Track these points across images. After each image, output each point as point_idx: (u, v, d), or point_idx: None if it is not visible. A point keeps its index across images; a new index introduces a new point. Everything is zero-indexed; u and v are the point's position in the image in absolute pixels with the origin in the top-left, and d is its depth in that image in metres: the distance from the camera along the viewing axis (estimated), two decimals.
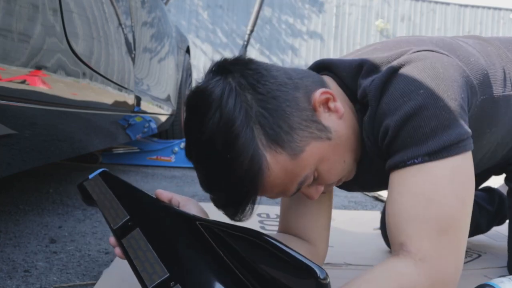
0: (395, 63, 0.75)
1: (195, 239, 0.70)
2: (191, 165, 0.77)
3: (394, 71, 0.74)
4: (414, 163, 0.70)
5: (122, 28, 1.53)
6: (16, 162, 1.03)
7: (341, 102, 0.79)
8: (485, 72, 0.82)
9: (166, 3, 2.79)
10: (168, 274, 0.67)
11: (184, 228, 0.73)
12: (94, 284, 0.96)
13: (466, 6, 9.21)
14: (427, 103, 0.70)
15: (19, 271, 1.05)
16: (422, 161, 0.69)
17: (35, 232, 1.36)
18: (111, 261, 1.10)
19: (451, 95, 0.71)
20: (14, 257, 1.14)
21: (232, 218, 0.75)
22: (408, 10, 8.96)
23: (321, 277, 0.50)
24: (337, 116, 0.77)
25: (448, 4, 9.12)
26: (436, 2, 9.08)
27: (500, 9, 9.35)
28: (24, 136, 0.98)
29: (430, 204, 0.68)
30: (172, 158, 2.98)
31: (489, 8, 9.30)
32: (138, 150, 2.98)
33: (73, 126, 1.27)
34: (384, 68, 0.76)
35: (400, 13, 8.93)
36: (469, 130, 0.72)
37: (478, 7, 9.27)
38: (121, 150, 2.95)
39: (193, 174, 2.61)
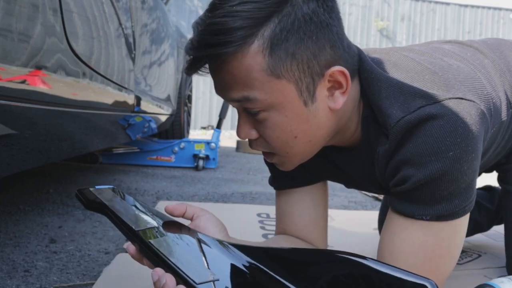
0: (427, 110, 0.71)
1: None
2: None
3: (424, 120, 0.70)
4: (422, 219, 0.74)
5: (122, 28, 1.53)
6: (16, 162, 1.03)
7: (347, 102, 0.75)
8: (494, 101, 0.80)
9: (166, 3, 2.79)
10: (219, 279, 0.61)
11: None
12: (94, 284, 0.96)
13: (466, 6, 9.21)
14: (453, 167, 0.70)
15: (19, 271, 1.05)
16: (430, 219, 0.73)
17: (35, 232, 1.36)
18: (111, 261, 1.10)
19: (475, 156, 0.72)
20: (14, 257, 1.14)
21: (187, 69, 0.71)
22: (408, 10, 8.96)
23: None
24: (331, 104, 0.73)
25: (448, 4, 9.12)
26: (436, 2, 9.08)
27: (500, 9, 9.35)
28: (24, 136, 0.98)
29: (428, 260, 0.75)
30: (172, 158, 2.98)
31: (489, 8, 9.30)
32: (138, 150, 2.99)
33: (73, 126, 1.27)
34: (413, 104, 0.72)
35: (400, 13, 8.93)
36: (475, 189, 0.76)
37: (478, 7, 9.28)
38: (121, 150, 2.95)
39: (193, 174, 2.63)
